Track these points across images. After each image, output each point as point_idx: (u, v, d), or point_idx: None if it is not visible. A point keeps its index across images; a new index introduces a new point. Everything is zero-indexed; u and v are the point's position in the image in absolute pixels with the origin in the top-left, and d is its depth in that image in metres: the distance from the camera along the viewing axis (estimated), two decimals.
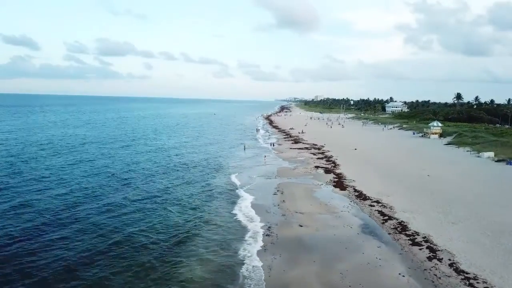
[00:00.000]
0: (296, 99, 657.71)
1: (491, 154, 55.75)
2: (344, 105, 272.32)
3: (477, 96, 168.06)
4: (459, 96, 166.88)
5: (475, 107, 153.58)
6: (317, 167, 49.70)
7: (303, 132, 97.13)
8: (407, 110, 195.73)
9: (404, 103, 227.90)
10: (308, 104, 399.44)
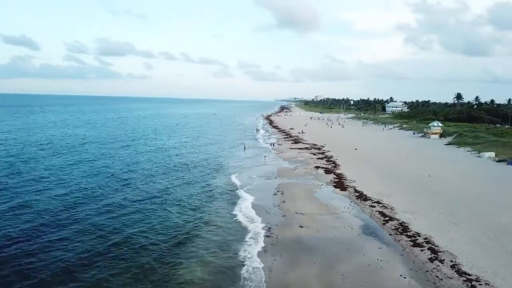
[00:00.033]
0: (296, 99, 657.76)
1: (492, 154, 55.62)
2: (344, 105, 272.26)
3: (477, 96, 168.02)
4: (459, 96, 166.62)
5: (475, 107, 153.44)
6: (317, 167, 49.54)
7: (303, 132, 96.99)
8: (407, 110, 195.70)
9: (404, 103, 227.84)
10: (308, 104, 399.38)
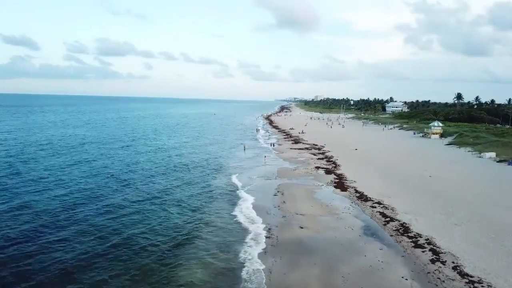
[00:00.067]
0: (296, 99, 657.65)
1: (493, 154, 55.46)
2: (344, 105, 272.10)
3: (477, 96, 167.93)
4: (459, 96, 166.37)
5: (476, 107, 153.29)
6: (317, 168, 49.37)
7: (303, 132, 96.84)
8: (407, 110, 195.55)
9: (404, 103, 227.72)
10: (308, 104, 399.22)
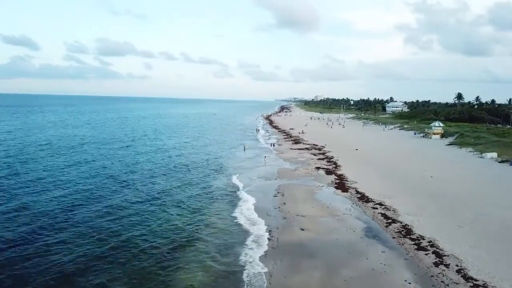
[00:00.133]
0: (296, 99, 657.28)
1: (494, 154, 55.18)
2: (344, 105, 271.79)
3: (478, 96, 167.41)
4: (460, 96, 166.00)
5: (476, 107, 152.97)
6: (318, 168, 49.08)
7: (303, 132, 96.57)
8: (408, 110, 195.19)
9: (404, 103, 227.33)
10: (308, 104, 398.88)
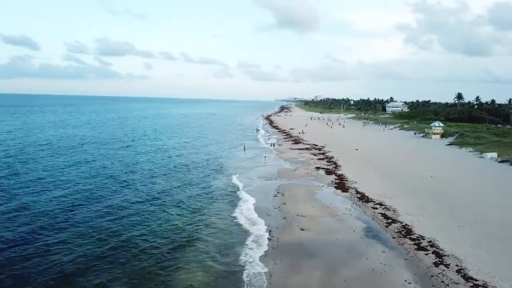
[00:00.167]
0: (296, 99, 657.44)
1: (494, 154, 55.15)
2: (344, 105, 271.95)
3: (478, 96, 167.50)
4: (460, 96, 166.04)
5: (476, 107, 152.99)
6: (318, 168, 49.07)
7: (303, 132, 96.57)
8: (408, 110, 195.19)
9: (404, 103, 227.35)
10: (308, 104, 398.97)
